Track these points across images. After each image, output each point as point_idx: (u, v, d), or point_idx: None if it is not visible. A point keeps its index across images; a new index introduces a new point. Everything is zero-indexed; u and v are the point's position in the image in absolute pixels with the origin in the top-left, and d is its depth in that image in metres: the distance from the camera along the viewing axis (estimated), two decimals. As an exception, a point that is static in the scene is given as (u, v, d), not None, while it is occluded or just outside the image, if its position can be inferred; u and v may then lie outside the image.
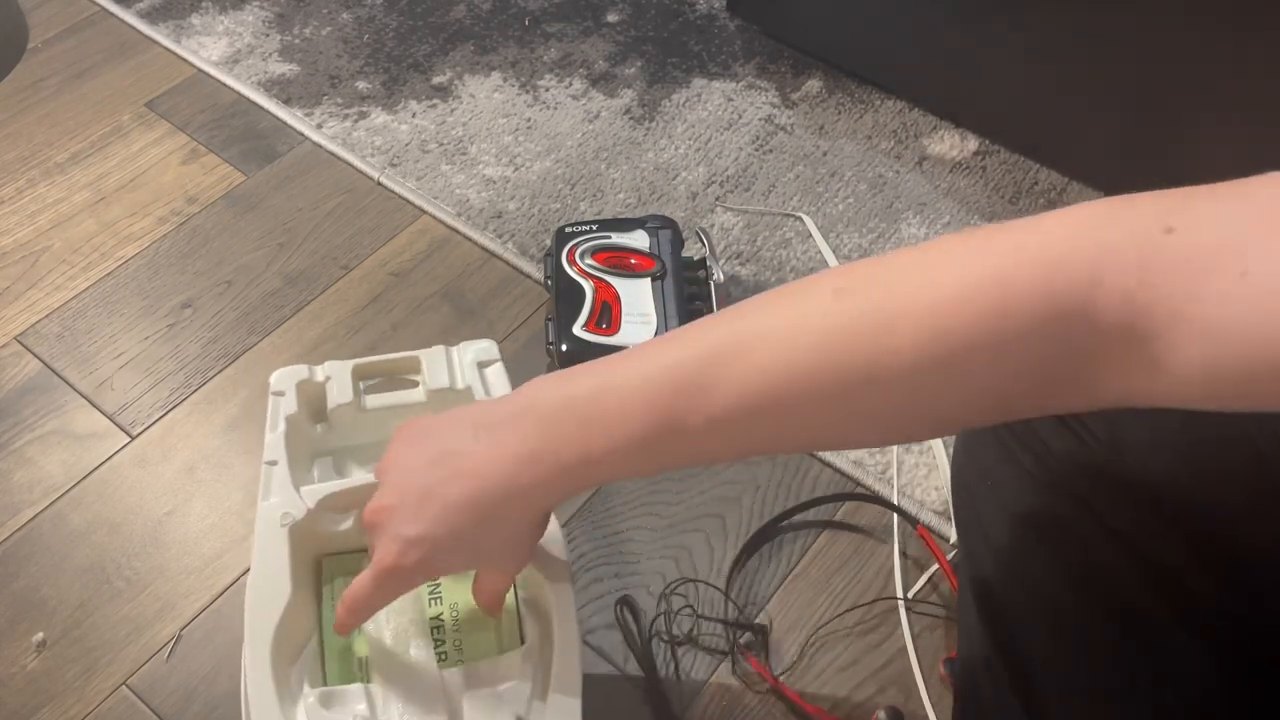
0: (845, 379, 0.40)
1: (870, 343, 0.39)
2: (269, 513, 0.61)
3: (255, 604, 0.58)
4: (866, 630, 0.77)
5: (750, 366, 0.41)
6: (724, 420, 0.42)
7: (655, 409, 0.43)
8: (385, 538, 0.50)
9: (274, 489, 0.63)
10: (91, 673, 0.75)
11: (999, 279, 0.36)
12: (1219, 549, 0.49)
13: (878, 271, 0.40)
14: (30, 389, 0.90)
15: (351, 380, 0.70)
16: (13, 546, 0.81)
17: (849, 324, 0.39)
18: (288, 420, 0.67)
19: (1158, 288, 0.33)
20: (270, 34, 1.20)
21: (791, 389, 0.41)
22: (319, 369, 0.70)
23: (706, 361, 0.42)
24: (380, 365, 0.71)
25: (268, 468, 0.64)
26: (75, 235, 1.01)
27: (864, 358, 0.39)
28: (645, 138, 1.09)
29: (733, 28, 1.21)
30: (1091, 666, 0.52)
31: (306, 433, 0.69)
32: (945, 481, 0.83)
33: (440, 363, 0.70)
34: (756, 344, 0.42)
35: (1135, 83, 0.92)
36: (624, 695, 0.73)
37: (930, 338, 0.38)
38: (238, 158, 1.08)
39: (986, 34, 0.99)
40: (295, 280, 0.98)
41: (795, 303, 0.42)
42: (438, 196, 1.04)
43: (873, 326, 0.39)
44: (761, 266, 0.98)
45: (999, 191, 1.04)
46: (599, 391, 0.45)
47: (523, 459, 0.46)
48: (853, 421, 0.42)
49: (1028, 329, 0.36)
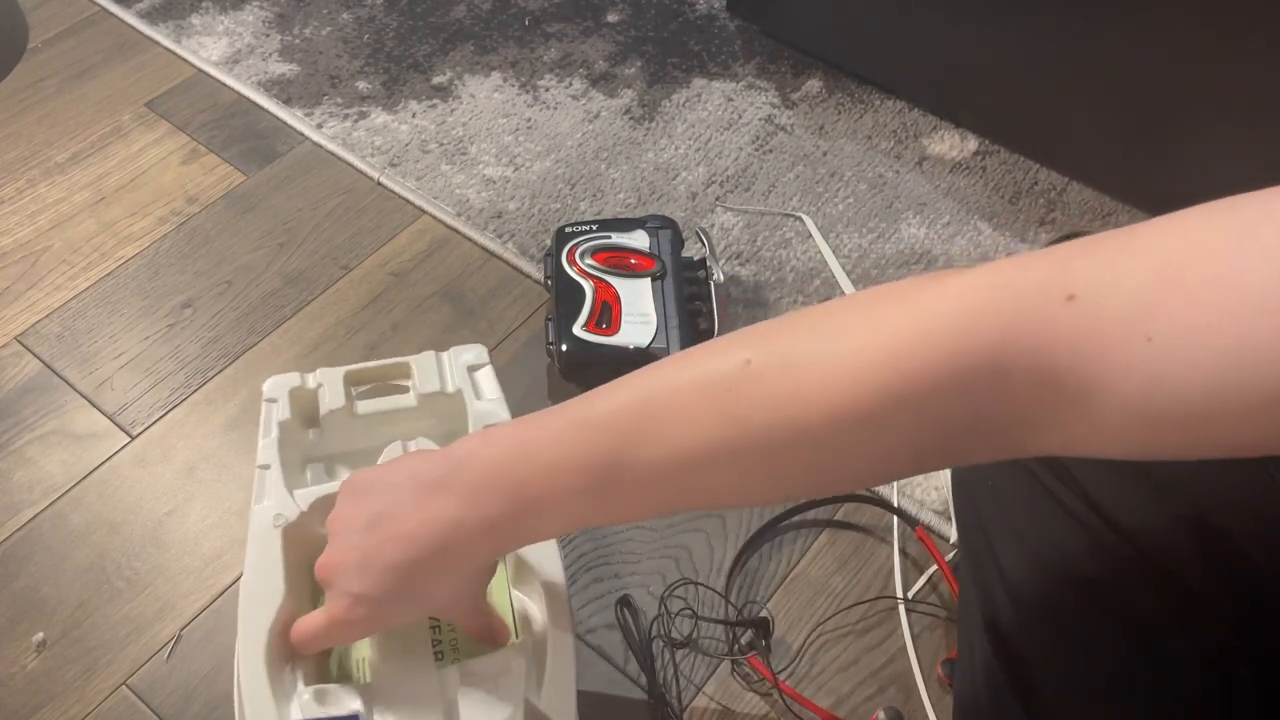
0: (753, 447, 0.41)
1: (777, 414, 0.40)
2: (262, 515, 0.62)
3: (249, 605, 0.58)
4: (866, 630, 0.77)
5: (661, 437, 0.43)
6: (645, 484, 0.44)
7: (578, 472, 0.45)
8: (335, 591, 0.52)
9: (267, 491, 0.63)
10: (91, 673, 0.75)
11: (902, 353, 0.37)
12: (1220, 549, 0.49)
13: (786, 340, 0.41)
14: (30, 389, 0.90)
15: (344, 386, 0.70)
16: (13, 546, 0.81)
17: (760, 395, 0.40)
18: (280, 426, 0.68)
19: (1065, 359, 0.33)
20: (270, 34, 1.20)
21: (706, 458, 0.42)
22: (311, 376, 0.71)
23: (626, 424, 0.44)
24: (372, 371, 0.72)
25: (261, 471, 0.65)
26: (75, 235, 1.01)
27: (778, 427, 0.40)
28: (645, 138, 1.09)
29: (733, 28, 1.21)
30: (1091, 667, 0.52)
31: (299, 438, 0.70)
32: (945, 481, 0.83)
33: (431, 368, 0.71)
34: (667, 413, 0.43)
35: (1135, 82, 0.92)
36: (624, 695, 0.73)
37: (836, 409, 0.38)
38: (238, 158, 1.08)
39: (986, 34, 0.99)
40: (295, 280, 0.98)
41: (706, 369, 0.43)
42: (438, 196, 1.04)
43: (778, 399, 0.40)
44: (761, 266, 0.98)
45: (999, 191, 1.04)
46: (525, 454, 0.47)
47: (454, 522, 0.48)
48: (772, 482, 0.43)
49: (934, 401, 0.37)
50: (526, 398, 0.89)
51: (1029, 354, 0.34)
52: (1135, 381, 0.32)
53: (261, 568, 0.60)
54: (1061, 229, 1.00)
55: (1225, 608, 0.49)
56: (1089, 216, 1.01)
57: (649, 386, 0.45)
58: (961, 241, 1.00)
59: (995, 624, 0.57)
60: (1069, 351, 0.33)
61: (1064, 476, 0.54)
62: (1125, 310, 0.32)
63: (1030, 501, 0.56)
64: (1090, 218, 1.01)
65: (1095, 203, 1.03)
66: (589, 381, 0.87)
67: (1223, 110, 0.89)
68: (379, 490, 0.52)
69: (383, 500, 0.51)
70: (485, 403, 0.70)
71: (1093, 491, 0.53)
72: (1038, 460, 0.55)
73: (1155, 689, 0.50)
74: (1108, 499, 0.52)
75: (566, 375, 0.86)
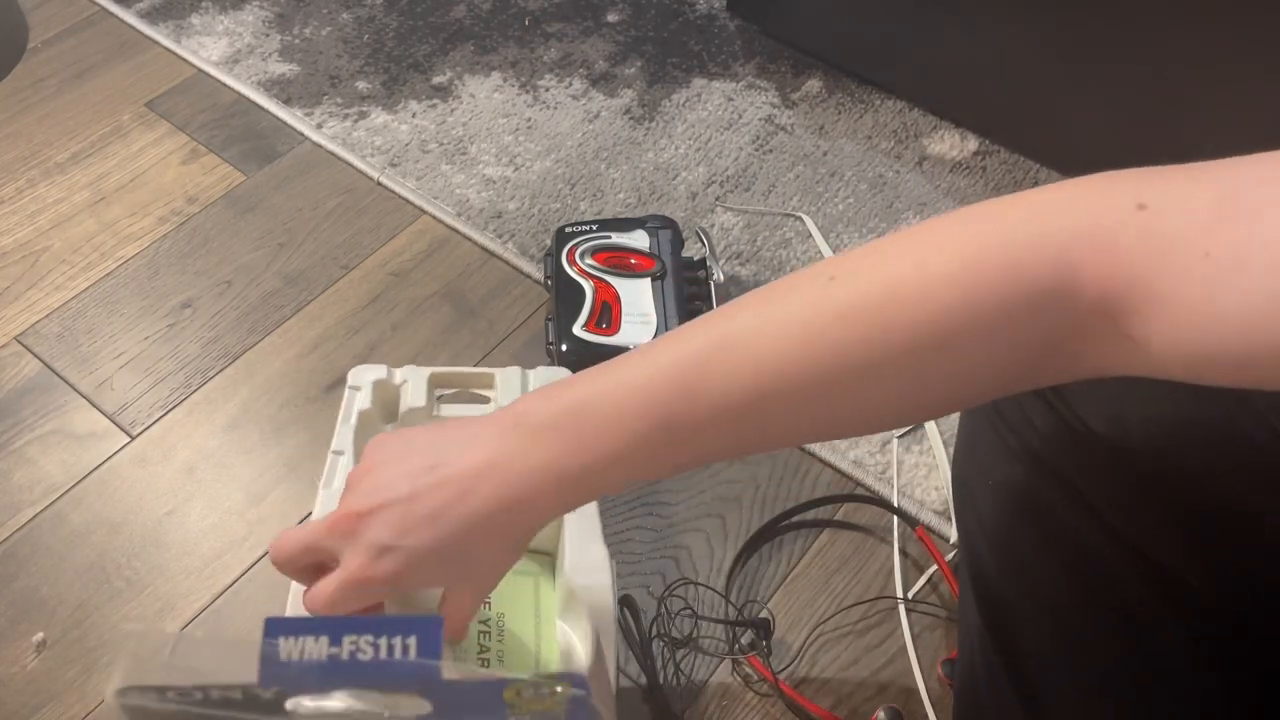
0: (837, 368, 0.40)
1: (863, 330, 0.40)
2: (330, 500, 0.61)
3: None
4: (866, 630, 0.77)
5: (743, 363, 0.41)
6: (721, 419, 0.42)
7: (650, 414, 0.43)
8: (356, 545, 0.47)
9: (337, 477, 0.64)
10: (91, 673, 0.75)
11: (980, 262, 0.38)
12: (1220, 548, 0.49)
13: (867, 259, 0.41)
14: (30, 389, 0.90)
15: (427, 387, 0.70)
16: (13, 546, 0.81)
17: (841, 312, 0.40)
18: (360, 415, 0.68)
19: (1128, 266, 0.35)
20: (270, 34, 1.20)
21: (784, 383, 0.41)
22: (397, 371, 0.71)
23: (700, 361, 0.42)
24: (456, 377, 0.72)
25: (334, 457, 0.65)
26: (75, 235, 1.01)
27: (857, 345, 0.40)
28: (645, 138, 1.09)
29: (733, 28, 1.21)
30: (1090, 665, 0.52)
31: (375, 431, 0.69)
32: (945, 481, 0.83)
33: (515, 383, 0.71)
34: (751, 340, 0.42)
35: (1136, 82, 0.92)
36: (624, 695, 0.73)
37: (919, 322, 0.39)
38: (238, 158, 1.08)
39: (986, 34, 0.99)
40: (295, 280, 0.98)
41: (788, 294, 0.42)
42: (438, 196, 1.04)
43: (865, 314, 0.40)
44: (761, 266, 0.98)
45: (999, 191, 1.04)
46: (592, 401, 0.44)
47: (519, 471, 0.45)
48: (851, 406, 0.42)
49: (1010, 309, 0.37)
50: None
51: (1096, 258, 0.35)
52: (1192, 293, 0.33)
53: None
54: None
55: (1224, 605, 0.49)
56: (1089, 216, 1.01)
57: (728, 318, 0.43)
58: (961, 241, 1.00)
59: (995, 624, 0.57)
60: (1133, 258, 0.35)
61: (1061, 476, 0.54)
62: (1189, 225, 0.34)
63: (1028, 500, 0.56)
64: (1090, 218, 1.01)
65: (1095, 203, 1.03)
66: (589, 381, 0.87)
67: (1223, 110, 0.89)
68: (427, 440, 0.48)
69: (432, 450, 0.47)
70: None
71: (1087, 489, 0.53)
72: (1036, 459, 0.55)
73: (1153, 688, 0.50)
74: (1101, 497, 0.52)
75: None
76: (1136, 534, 0.51)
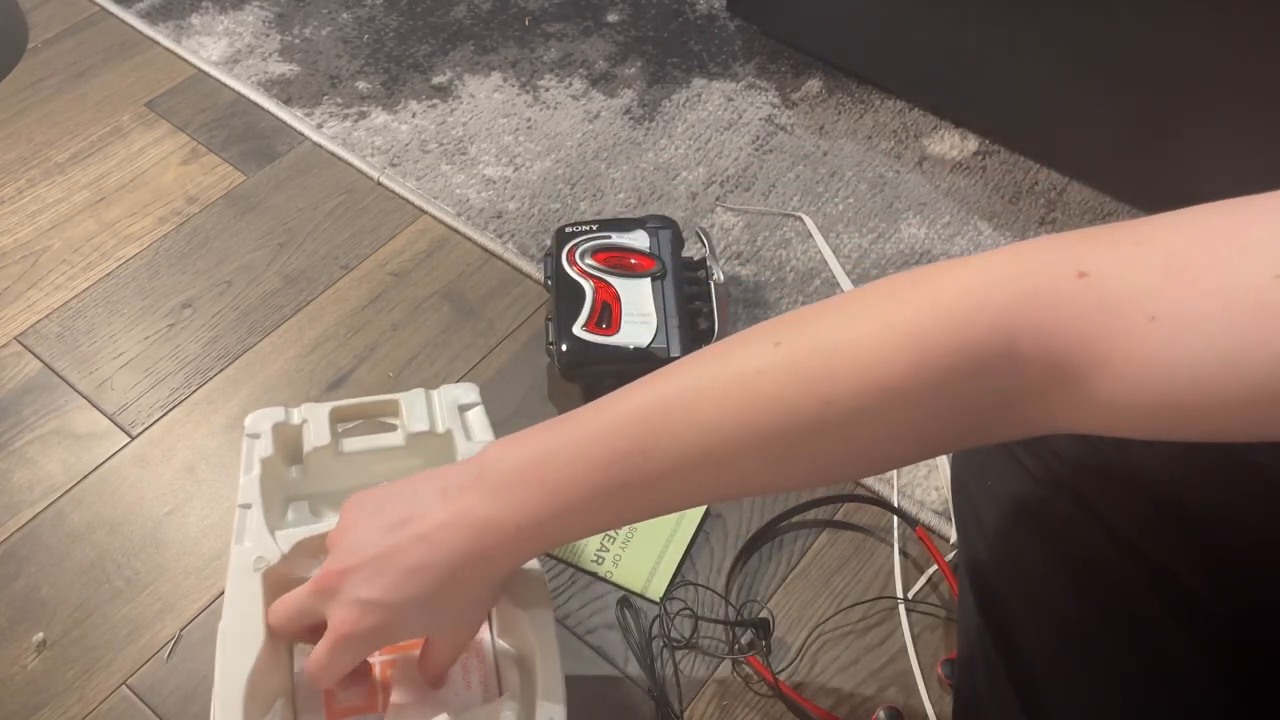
0: (783, 428, 0.42)
1: (807, 394, 0.41)
2: (242, 557, 0.60)
3: (227, 650, 0.56)
4: (866, 630, 0.77)
5: (692, 424, 0.43)
6: (671, 475, 0.44)
7: (604, 468, 0.45)
8: (340, 602, 0.49)
9: (248, 533, 0.62)
10: (91, 673, 0.75)
11: (923, 330, 0.38)
12: (1220, 551, 0.49)
13: (814, 324, 0.42)
14: (30, 389, 0.90)
15: (329, 423, 0.68)
16: (13, 546, 0.81)
17: (786, 375, 0.41)
18: (263, 463, 0.66)
19: (1073, 334, 0.35)
20: (270, 34, 1.20)
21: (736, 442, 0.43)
22: (295, 411, 0.69)
23: (654, 417, 0.44)
24: (358, 408, 0.70)
25: (242, 511, 0.63)
26: (75, 235, 1.01)
27: (802, 408, 0.41)
28: (645, 138, 1.09)
29: (733, 28, 1.21)
30: (1090, 667, 0.52)
31: (281, 476, 0.68)
32: (945, 481, 0.83)
33: (420, 406, 0.69)
34: (699, 400, 0.43)
35: (1135, 82, 0.92)
36: (624, 695, 0.73)
37: (862, 387, 0.40)
38: (238, 158, 1.08)
39: (986, 34, 0.99)
40: (295, 280, 0.98)
41: (736, 356, 0.44)
42: (438, 196, 1.04)
43: (808, 378, 0.41)
44: (761, 266, 0.98)
45: (999, 191, 1.04)
46: (551, 454, 0.47)
47: (481, 524, 0.47)
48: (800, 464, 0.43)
49: (953, 376, 0.38)
50: (526, 398, 0.89)
51: (1038, 327, 0.36)
52: (1137, 358, 0.33)
53: (241, 612, 0.58)
54: (1061, 229, 1.00)
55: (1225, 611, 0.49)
56: (1089, 216, 1.02)
57: (679, 376, 0.45)
58: (961, 241, 1.00)
59: (995, 624, 0.57)
60: (1077, 326, 0.35)
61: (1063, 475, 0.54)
62: (1132, 289, 0.34)
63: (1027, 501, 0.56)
64: (1090, 217, 1.01)
65: (1095, 202, 1.03)
66: (589, 381, 0.87)
67: (1223, 109, 0.89)
68: (398, 497, 0.50)
69: (403, 505, 0.49)
70: (476, 444, 0.68)
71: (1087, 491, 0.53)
72: (1037, 459, 0.55)
73: (1154, 691, 0.50)
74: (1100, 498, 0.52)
75: (566, 375, 0.86)
76: (1140, 536, 0.51)
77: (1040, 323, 0.36)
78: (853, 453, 0.42)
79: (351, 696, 0.60)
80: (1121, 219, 1.07)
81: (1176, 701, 0.50)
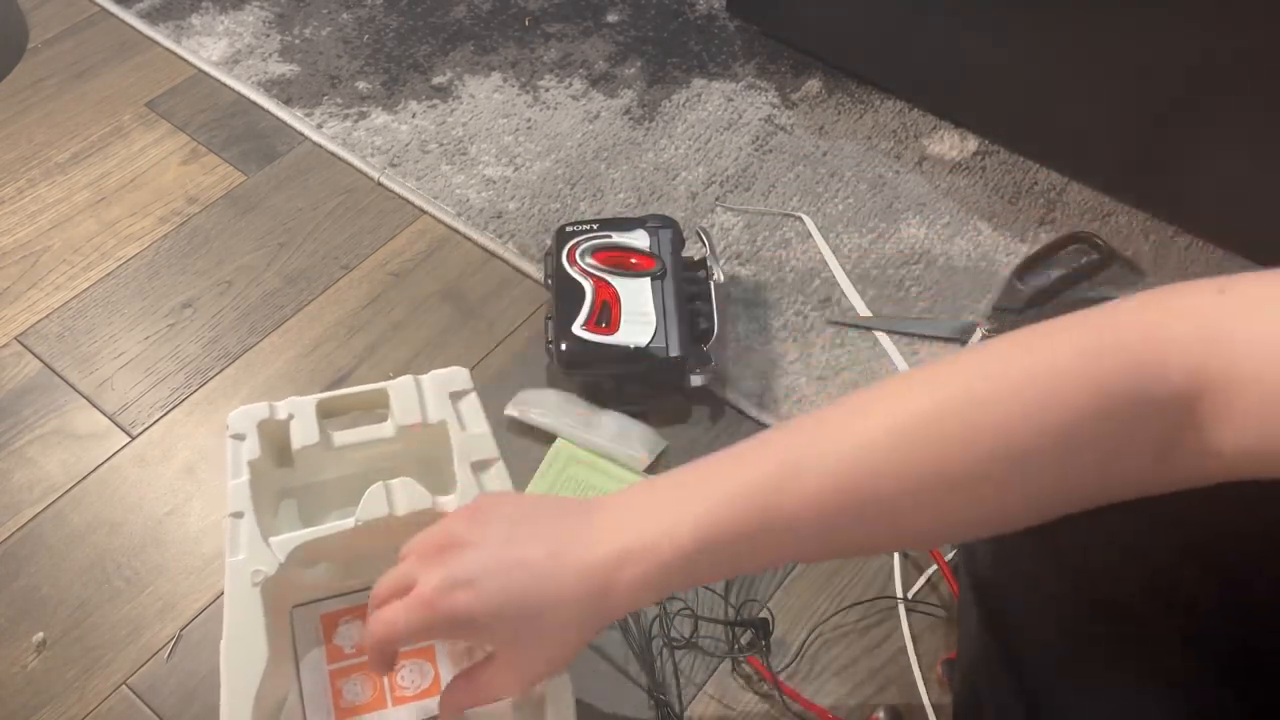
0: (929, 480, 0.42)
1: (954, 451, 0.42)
2: (239, 570, 0.59)
3: (232, 671, 0.55)
4: (866, 630, 0.77)
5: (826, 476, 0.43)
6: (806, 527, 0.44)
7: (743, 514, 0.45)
8: (436, 570, 0.47)
9: (242, 544, 0.60)
10: (91, 673, 0.75)
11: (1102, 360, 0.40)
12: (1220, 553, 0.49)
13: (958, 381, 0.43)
14: (30, 389, 0.90)
15: (316, 418, 0.66)
16: (13, 546, 0.81)
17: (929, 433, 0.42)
18: (251, 466, 0.63)
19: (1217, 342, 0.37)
20: (270, 34, 1.20)
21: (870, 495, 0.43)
22: (280, 406, 0.66)
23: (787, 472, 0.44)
24: (346, 400, 0.68)
25: (233, 521, 0.61)
26: (75, 235, 1.01)
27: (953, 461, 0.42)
28: (645, 138, 1.09)
29: (733, 28, 1.21)
30: (1090, 669, 0.52)
31: (270, 476, 0.66)
32: (945, 481, 0.83)
33: (410, 395, 0.67)
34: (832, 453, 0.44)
35: (1135, 82, 0.92)
36: (624, 695, 0.73)
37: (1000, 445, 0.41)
38: (238, 158, 1.08)
39: (986, 34, 0.99)
40: (295, 280, 0.98)
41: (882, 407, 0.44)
42: (438, 196, 1.04)
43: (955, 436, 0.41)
44: (761, 266, 0.98)
45: (999, 191, 1.04)
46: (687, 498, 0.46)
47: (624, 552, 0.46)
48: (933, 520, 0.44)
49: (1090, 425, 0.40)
50: (526, 398, 0.89)
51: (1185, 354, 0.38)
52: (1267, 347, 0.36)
53: (242, 630, 0.56)
54: (1061, 229, 1.00)
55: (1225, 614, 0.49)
56: (1089, 216, 1.01)
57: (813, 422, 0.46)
58: (961, 242, 1.00)
59: (995, 624, 0.57)
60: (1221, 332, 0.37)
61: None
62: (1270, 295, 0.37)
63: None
64: (1090, 218, 1.01)
65: (1095, 203, 1.03)
66: (588, 380, 0.87)
67: (1223, 109, 0.89)
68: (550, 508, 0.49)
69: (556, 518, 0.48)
70: (472, 436, 0.66)
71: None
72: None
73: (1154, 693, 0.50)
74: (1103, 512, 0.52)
75: (566, 374, 0.86)
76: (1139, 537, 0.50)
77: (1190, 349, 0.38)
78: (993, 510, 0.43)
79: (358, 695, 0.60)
80: (1121, 219, 1.07)
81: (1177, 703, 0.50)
